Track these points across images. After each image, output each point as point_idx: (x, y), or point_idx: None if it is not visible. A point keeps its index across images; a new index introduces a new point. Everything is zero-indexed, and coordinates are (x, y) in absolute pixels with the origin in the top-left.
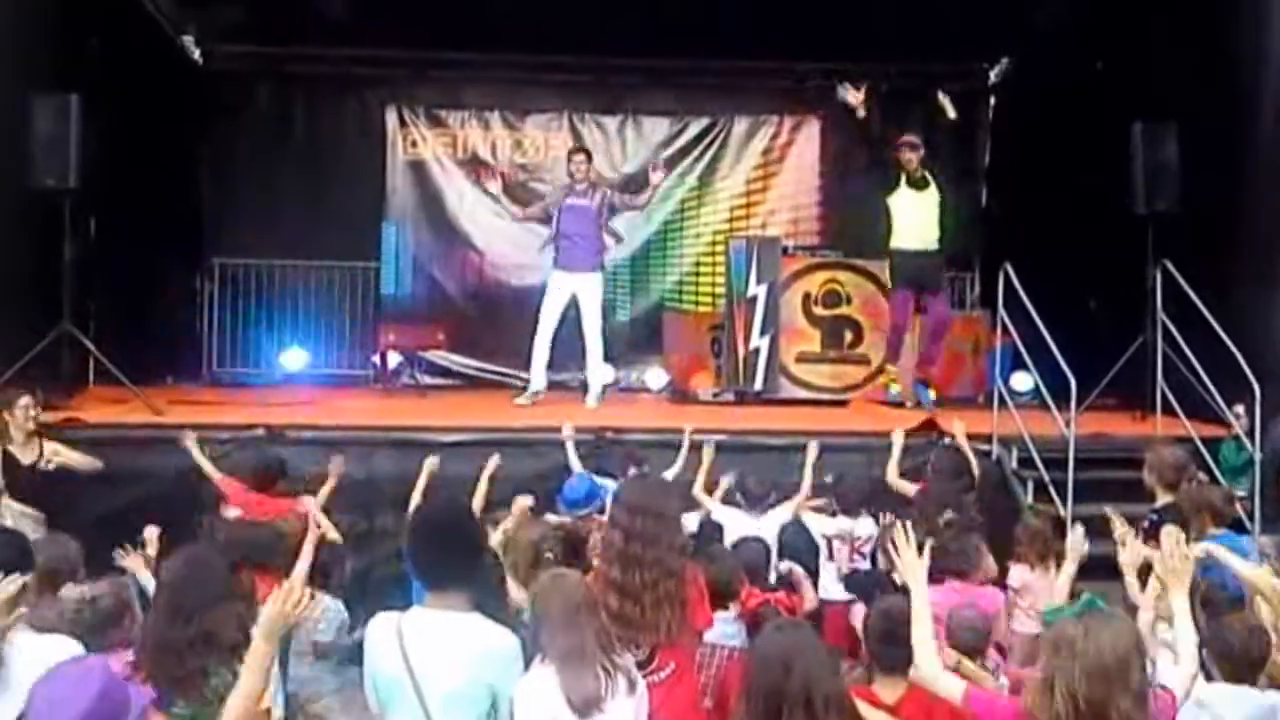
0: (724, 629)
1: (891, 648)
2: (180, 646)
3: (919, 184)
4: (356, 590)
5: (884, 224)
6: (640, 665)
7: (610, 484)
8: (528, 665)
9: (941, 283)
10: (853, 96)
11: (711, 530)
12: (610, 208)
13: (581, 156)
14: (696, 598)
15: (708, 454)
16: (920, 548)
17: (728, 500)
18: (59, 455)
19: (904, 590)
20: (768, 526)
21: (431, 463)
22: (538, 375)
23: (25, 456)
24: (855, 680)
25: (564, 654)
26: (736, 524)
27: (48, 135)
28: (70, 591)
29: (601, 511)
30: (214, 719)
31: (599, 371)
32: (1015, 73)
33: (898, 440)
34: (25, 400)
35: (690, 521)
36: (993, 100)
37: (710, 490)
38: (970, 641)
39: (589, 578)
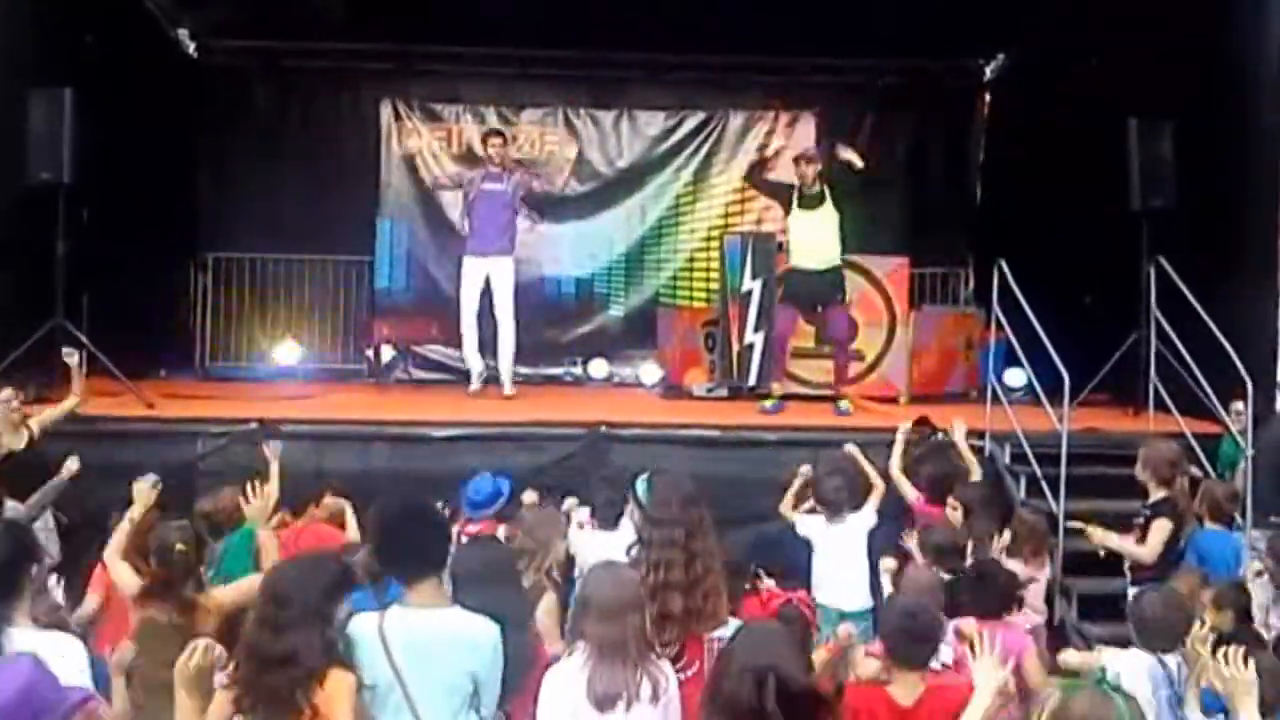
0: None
1: (912, 645)
2: (266, 658)
3: (811, 202)
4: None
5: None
6: (671, 662)
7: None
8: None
9: (837, 297)
10: (851, 155)
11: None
12: (529, 191)
13: (498, 140)
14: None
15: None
16: None
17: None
18: (41, 417)
19: None
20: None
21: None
22: (473, 360)
23: (16, 445)
24: (872, 677)
25: (601, 645)
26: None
27: (42, 129)
28: None
29: (501, 513)
30: None
31: (509, 357)
32: (1011, 69)
33: (901, 434)
34: (6, 394)
35: None
36: (988, 96)
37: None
38: None
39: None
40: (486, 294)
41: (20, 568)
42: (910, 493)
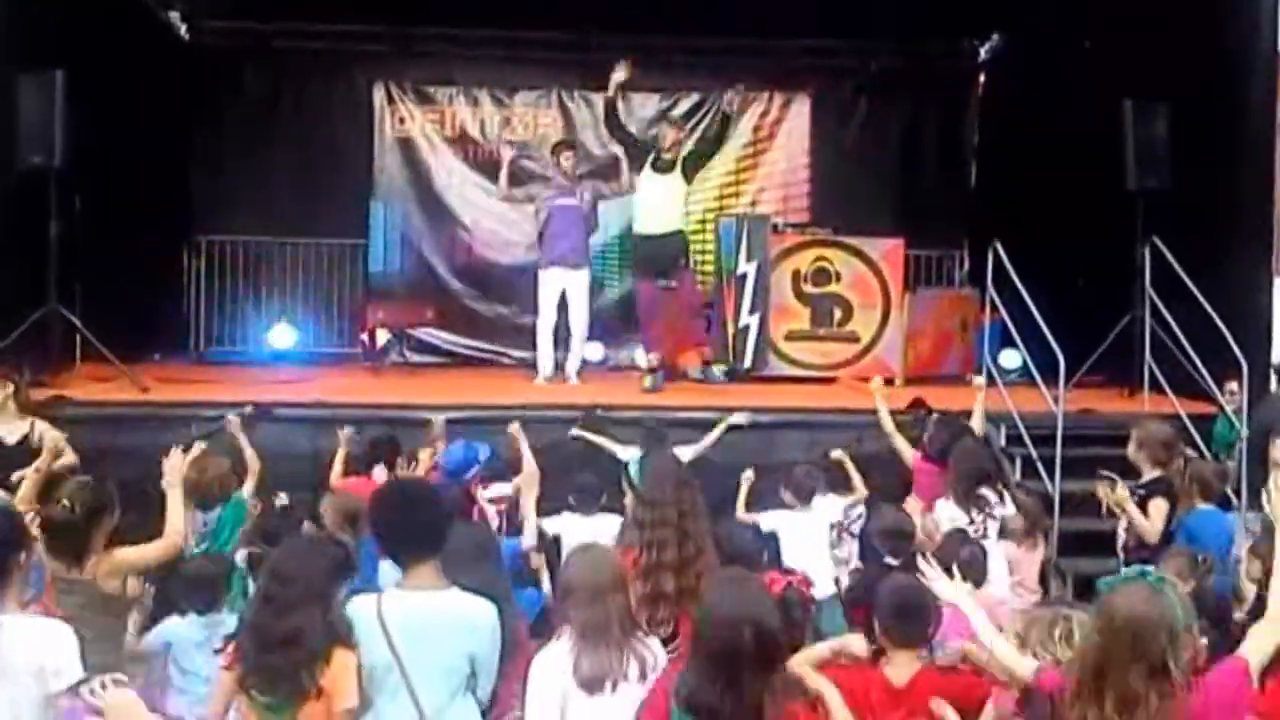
0: None
1: (905, 623)
2: (269, 638)
3: (665, 166)
4: None
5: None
6: (664, 642)
7: (485, 449)
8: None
9: (682, 262)
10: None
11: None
12: (599, 198)
13: (569, 152)
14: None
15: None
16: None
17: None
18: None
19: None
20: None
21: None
22: (545, 364)
23: (9, 435)
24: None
25: (584, 628)
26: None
27: (33, 113)
28: None
29: (475, 478)
30: (295, 708)
31: (578, 358)
32: (1005, 50)
33: (878, 391)
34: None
35: None
36: (983, 78)
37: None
38: None
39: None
40: (562, 305)
41: (9, 555)
42: (906, 450)
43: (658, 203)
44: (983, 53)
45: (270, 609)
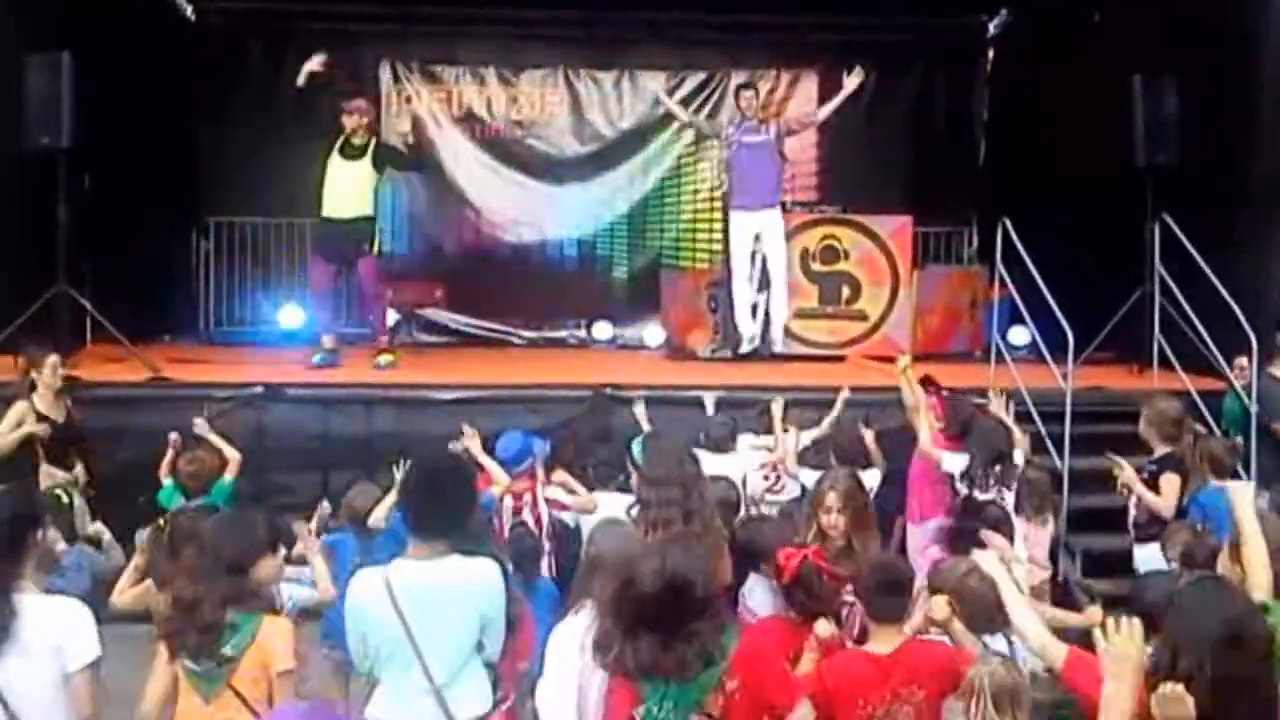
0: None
1: (888, 598)
2: (189, 609)
3: (354, 152)
4: None
5: (316, 190)
6: None
7: (540, 443)
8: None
9: (364, 248)
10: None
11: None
12: (788, 133)
13: (750, 92)
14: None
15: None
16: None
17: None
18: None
19: None
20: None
21: None
22: (745, 324)
23: (54, 415)
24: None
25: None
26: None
27: (40, 94)
28: None
29: (532, 470)
30: (226, 677)
31: (782, 315)
32: (1014, 26)
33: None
34: (54, 359)
35: None
36: (991, 53)
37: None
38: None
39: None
40: (758, 251)
41: (26, 531)
42: (925, 431)
43: (347, 188)
44: (991, 28)
45: (189, 581)
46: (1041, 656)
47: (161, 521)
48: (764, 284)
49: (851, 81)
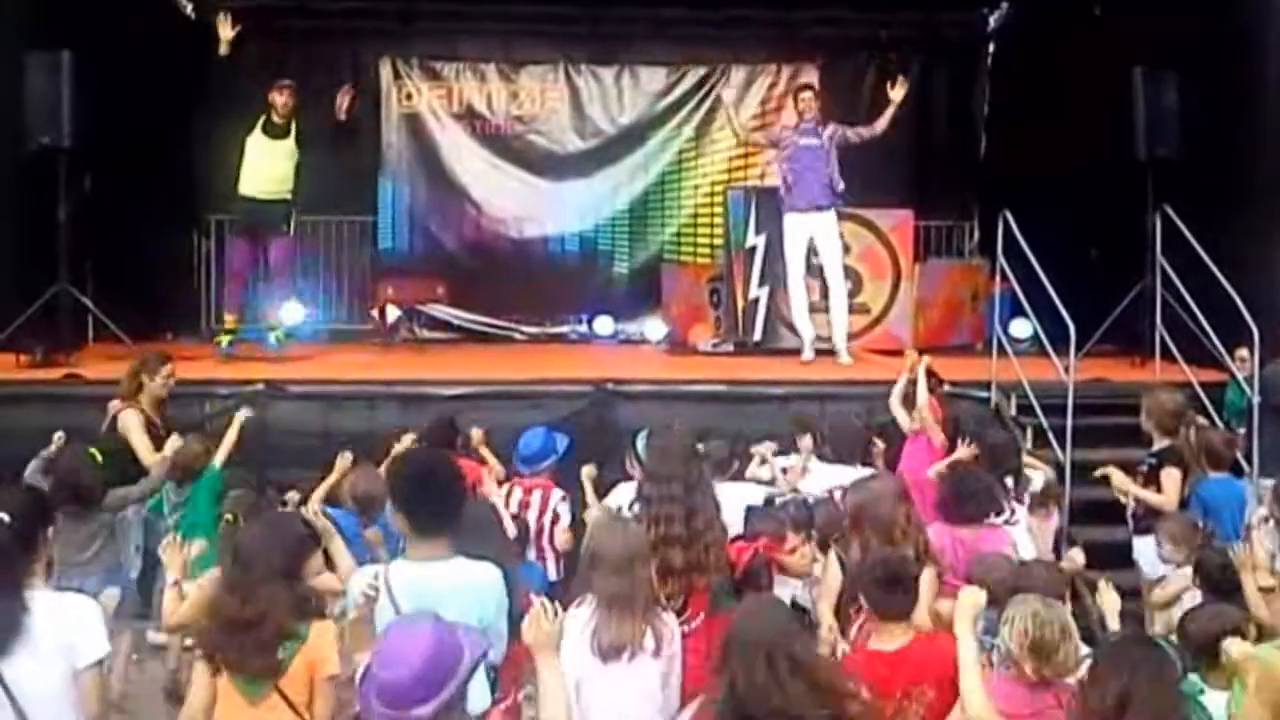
0: None
1: (893, 594)
2: (236, 623)
3: (278, 132)
4: None
5: (236, 167)
6: (675, 614)
7: (564, 440)
8: (566, 605)
9: (283, 228)
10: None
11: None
12: (844, 140)
13: (809, 94)
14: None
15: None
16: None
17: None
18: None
19: None
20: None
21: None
22: (804, 327)
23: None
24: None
25: (610, 598)
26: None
27: (41, 93)
28: None
29: (553, 470)
30: (274, 681)
31: (843, 320)
32: (1015, 18)
33: (909, 363)
34: (169, 367)
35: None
36: (992, 47)
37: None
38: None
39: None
40: (812, 252)
41: (37, 528)
42: (905, 419)
43: (269, 167)
44: (992, 21)
45: (235, 595)
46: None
47: (230, 516)
48: (764, 279)
49: (898, 92)
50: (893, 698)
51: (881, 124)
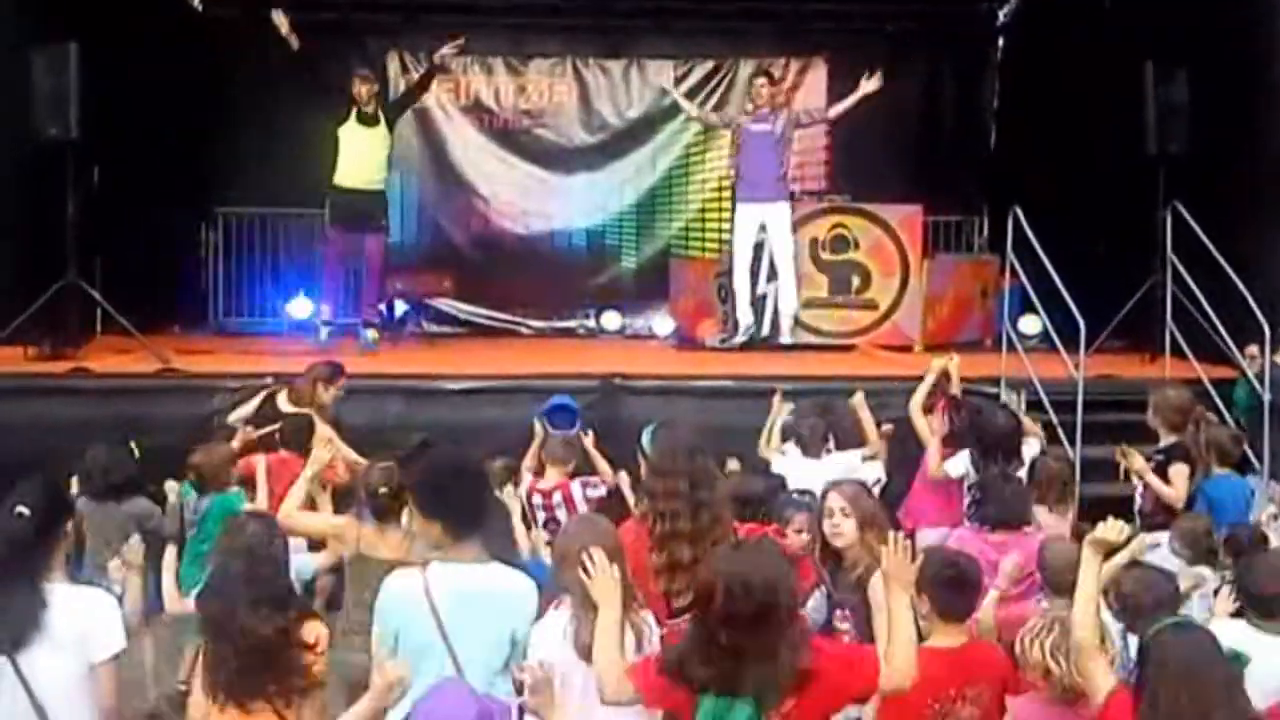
0: None
1: (958, 595)
2: (229, 659)
3: (371, 120)
4: None
5: (330, 159)
6: (683, 611)
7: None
8: (543, 609)
9: (383, 223)
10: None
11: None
12: (797, 125)
13: (762, 80)
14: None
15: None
16: None
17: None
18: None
19: None
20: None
21: None
22: (744, 313)
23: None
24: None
25: (585, 597)
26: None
27: (48, 86)
28: None
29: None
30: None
31: (790, 305)
32: (1024, 12)
33: (933, 372)
34: (340, 385)
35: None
36: (1001, 41)
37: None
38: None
39: (635, 526)
40: (762, 243)
41: (56, 521)
42: (927, 432)
43: (361, 156)
44: (1001, 15)
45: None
46: (1083, 674)
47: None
48: (771, 275)
49: (870, 85)
50: (947, 696)
51: (836, 110)
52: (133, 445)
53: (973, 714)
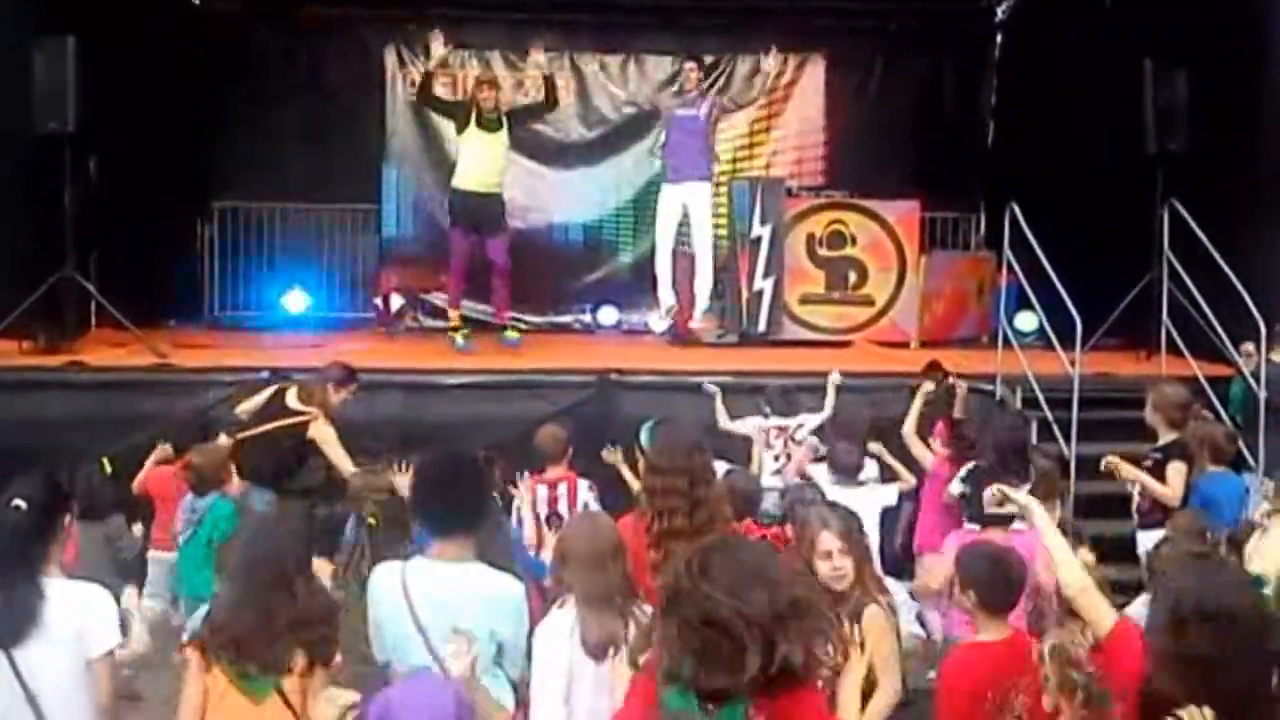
0: None
1: (1003, 591)
2: (243, 622)
3: (490, 125)
4: None
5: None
6: None
7: None
8: (547, 609)
9: (502, 224)
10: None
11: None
12: (722, 111)
13: (692, 64)
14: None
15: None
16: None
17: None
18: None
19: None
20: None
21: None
22: (665, 293)
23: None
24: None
25: (587, 596)
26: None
27: (46, 79)
28: None
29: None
30: (277, 683)
31: (705, 287)
32: (1023, 10)
33: (921, 395)
34: (352, 389)
35: None
36: (1000, 39)
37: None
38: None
39: (633, 521)
40: (684, 224)
41: (53, 516)
42: (925, 455)
43: (481, 161)
44: (1000, 13)
45: (240, 594)
46: (1085, 615)
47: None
48: (769, 270)
49: (768, 63)
50: (1002, 688)
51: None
52: (104, 461)
53: (1025, 703)
